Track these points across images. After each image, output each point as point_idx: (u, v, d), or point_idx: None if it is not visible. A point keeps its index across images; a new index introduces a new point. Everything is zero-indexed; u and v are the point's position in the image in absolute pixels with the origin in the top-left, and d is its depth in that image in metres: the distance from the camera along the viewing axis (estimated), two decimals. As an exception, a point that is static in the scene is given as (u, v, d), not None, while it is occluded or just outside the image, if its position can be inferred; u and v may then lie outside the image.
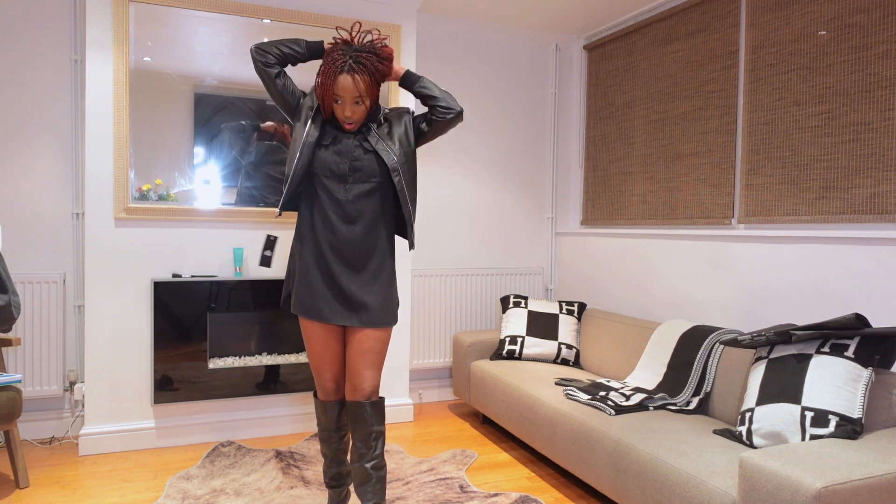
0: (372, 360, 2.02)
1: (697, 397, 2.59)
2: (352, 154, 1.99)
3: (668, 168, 3.38)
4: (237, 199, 3.20)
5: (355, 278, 2.00)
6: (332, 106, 1.96)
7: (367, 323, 1.99)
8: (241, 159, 3.20)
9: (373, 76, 1.90)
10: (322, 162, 1.98)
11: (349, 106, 1.92)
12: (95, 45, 2.94)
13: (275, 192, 3.28)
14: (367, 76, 1.89)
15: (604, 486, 2.33)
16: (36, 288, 3.08)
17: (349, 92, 1.88)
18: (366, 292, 2.00)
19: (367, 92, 1.90)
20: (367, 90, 1.90)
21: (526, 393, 2.90)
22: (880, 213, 2.34)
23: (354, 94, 1.89)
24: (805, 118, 2.63)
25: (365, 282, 2.00)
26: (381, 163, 2.01)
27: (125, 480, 2.69)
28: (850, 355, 1.99)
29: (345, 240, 1.99)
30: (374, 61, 1.89)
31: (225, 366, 3.16)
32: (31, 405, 3.18)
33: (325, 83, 1.90)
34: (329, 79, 1.89)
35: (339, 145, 1.99)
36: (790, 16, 2.69)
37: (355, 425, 2.02)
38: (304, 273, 2.02)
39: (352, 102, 1.91)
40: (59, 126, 3.16)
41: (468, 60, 4.02)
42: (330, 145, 2.00)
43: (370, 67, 1.89)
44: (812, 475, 1.57)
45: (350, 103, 1.91)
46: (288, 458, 2.90)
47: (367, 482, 2.02)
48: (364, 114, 1.97)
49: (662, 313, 3.35)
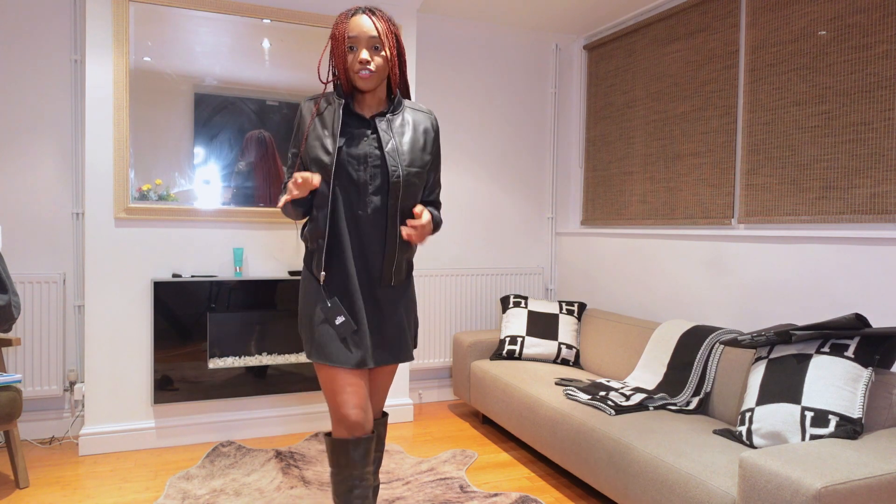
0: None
1: (697, 397, 2.59)
2: (370, 157, 1.71)
3: (668, 168, 3.38)
4: (240, 201, 3.21)
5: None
6: (344, 61, 1.66)
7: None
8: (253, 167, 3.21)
9: (392, 28, 1.66)
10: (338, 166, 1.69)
11: (364, 49, 1.63)
12: (95, 45, 2.94)
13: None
14: (386, 24, 1.65)
15: (604, 486, 2.33)
16: (36, 288, 3.08)
17: (364, 32, 1.62)
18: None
19: (386, 42, 1.64)
20: (385, 38, 1.63)
21: (526, 393, 2.90)
22: (880, 213, 2.34)
23: (370, 34, 1.62)
24: (805, 118, 2.63)
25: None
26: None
27: (125, 480, 2.69)
28: (850, 355, 1.99)
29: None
30: (396, 26, 1.68)
31: (225, 366, 3.16)
32: (31, 405, 3.18)
33: (336, 30, 1.64)
34: (341, 24, 1.64)
35: (355, 146, 1.70)
36: (790, 16, 2.69)
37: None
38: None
39: (368, 46, 1.63)
40: (59, 126, 3.16)
41: (468, 60, 4.02)
42: (348, 148, 1.69)
43: (389, 20, 1.67)
44: (812, 475, 1.57)
45: (366, 46, 1.63)
46: (288, 458, 2.90)
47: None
48: (383, 69, 1.67)
49: (662, 313, 3.35)
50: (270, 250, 3.31)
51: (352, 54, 1.65)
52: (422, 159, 1.74)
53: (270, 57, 3.25)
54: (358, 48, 1.63)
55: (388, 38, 1.65)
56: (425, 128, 1.78)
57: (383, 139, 1.69)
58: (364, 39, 1.63)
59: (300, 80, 3.31)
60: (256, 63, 3.22)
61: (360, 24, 1.62)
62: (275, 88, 3.26)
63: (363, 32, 1.62)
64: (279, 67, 3.26)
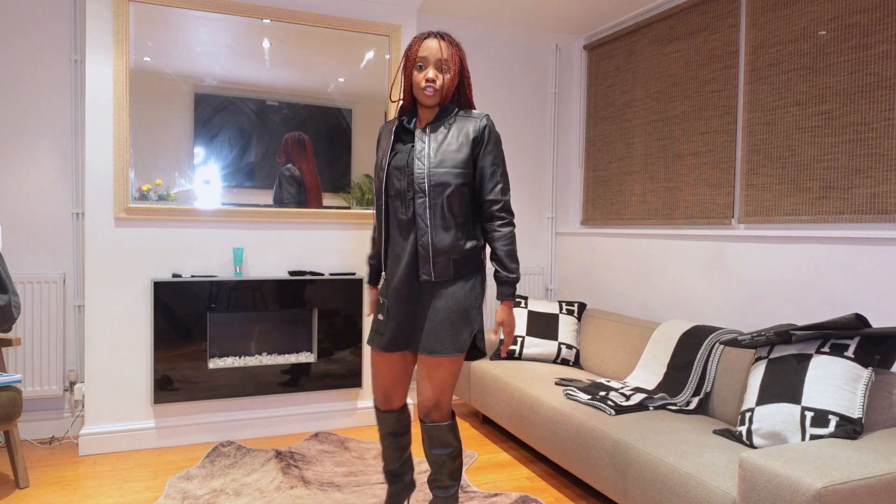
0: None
1: (697, 397, 2.59)
2: (408, 166, 1.90)
3: (668, 168, 3.38)
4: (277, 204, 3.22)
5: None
6: (413, 78, 1.88)
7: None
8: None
9: (458, 52, 1.88)
10: (387, 180, 1.93)
11: (432, 69, 1.85)
12: (95, 46, 2.94)
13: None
14: (454, 48, 1.87)
15: (604, 486, 2.33)
16: (36, 288, 3.08)
17: (433, 53, 1.84)
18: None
19: (452, 61, 1.85)
20: (451, 59, 1.85)
21: (526, 393, 2.90)
22: (880, 213, 2.34)
23: (438, 56, 1.84)
24: (805, 118, 2.63)
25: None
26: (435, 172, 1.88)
27: (125, 480, 2.69)
28: (850, 355, 1.99)
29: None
30: (461, 52, 1.91)
31: (225, 366, 3.16)
32: (31, 405, 3.18)
33: (409, 51, 1.88)
34: (414, 45, 1.87)
35: (399, 157, 1.92)
36: (790, 16, 2.69)
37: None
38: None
39: (435, 66, 1.85)
40: (59, 126, 3.16)
41: (468, 60, 4.02)
42: (393, 159, 1.93)
43: (457, 45, 1.89)
44: (812, 475, 1.57)
45: (433, 66, 1.85)
46: (288, 458, 2.90)
47: (434, 500, 2.01)
48: (449, 87, 1.87)
49: (662, 313, 3.35)
50: (272, 249, 3.31)
51: (420, 73, 1.86)
52: (454, 159, 1.86)
53: (270, 57, 3.25)
54: (426, 67, 1.85)
55: (454, 61, 1.87)
56: (467, 130, 1.89)
57: (416, 147, 1.88)
58: (433, 60, 1.85)
59: (300, 80, 3.31)
60: (256, 63, 3.22)
61: (430, 46, 1.85)
62: (275, 88, 3.26)
63: (432, 53, 1.84)
64: (279, 67, 3.27)
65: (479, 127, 1.89)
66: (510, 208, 1.93)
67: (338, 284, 3.34)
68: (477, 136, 1.89)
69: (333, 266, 3.43)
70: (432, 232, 1.85)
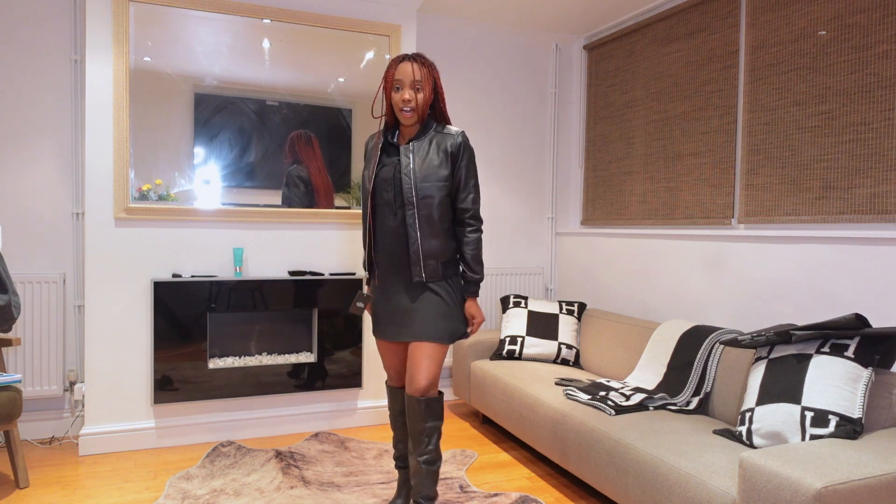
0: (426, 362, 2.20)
1: (697, 397, 2.59)
2: (394, 179, 2.10)
3: (668, 168, 3.38)
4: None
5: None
6: (392, 98, 2.08)
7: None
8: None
9: (432, 76, 2.06)
10: (376, 190, 2.13)
11: (407, 90, 2.03)
12: (95, 46, 2.94)
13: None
14: (427, 69, 2.05)
15: (604, 486, 2.33)
16: (36, 288, 3.08)
17: (408, 76, 2.02)
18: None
19: (426, 81, 2.03)
20: (425, 78, 2.03)
21: (526, 393, 2.90)
22: (880, 213, 2.34)
23: (412, 77, 2.02)
24: (805, 118, 2.63)
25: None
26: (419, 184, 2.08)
27: (125, 480, 2.69)
28: (850, 355, 1.99)
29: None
30: (434, 69, 2.08)
31: (225, 366, 3.16)
32: (31, 405, 3.18)
33: (387, 74, 2.07)
34: (391, 68, 2.06)
35: (385, 170, 2.12)
36: (790, 16, 2.69)
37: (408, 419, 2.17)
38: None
39: (410, 87, 2.03)
40: (59, 126, 3.16)
41: (468, 61, 4.02)
42: (379, 173, 2.12)
43: (431, 65, 2.07)
44: (812, 475, 1.57)
45: (408, 87, 2.03)
46: (288, 458, 2.90)
47: (417, 474, 2.12)
48: (423, 105, 2.06)
49: (662, 313, 3.35)
50: (272, 249, 3.31)
51: (397, 94, 2.05)
52: (437, 174, 2.07)
53: (270, 57, 3.25)
54: (402, 88, 2.04)
55: (427, 81, 2.04)
56: (445, 147, 2.10)
57: (402, 162, 2.07)
58: (408, 83, 2.03)
59: (300, 80, 3.31)
60: (256, 63, 3.22)
61: (404, 69, 2.03)
62: (275, 88, 3.26)
63: (406, 76, 2.02)
64: (279, 67, 3.27)
65: (456, 143, 2.10)
66: (479, 216, 2.18)
67: (338, 284, 3.34)
68: (454, 151, 2.10)
69: (333, 266, 3.43)
70: (422, 239, 2.07)
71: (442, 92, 2.12)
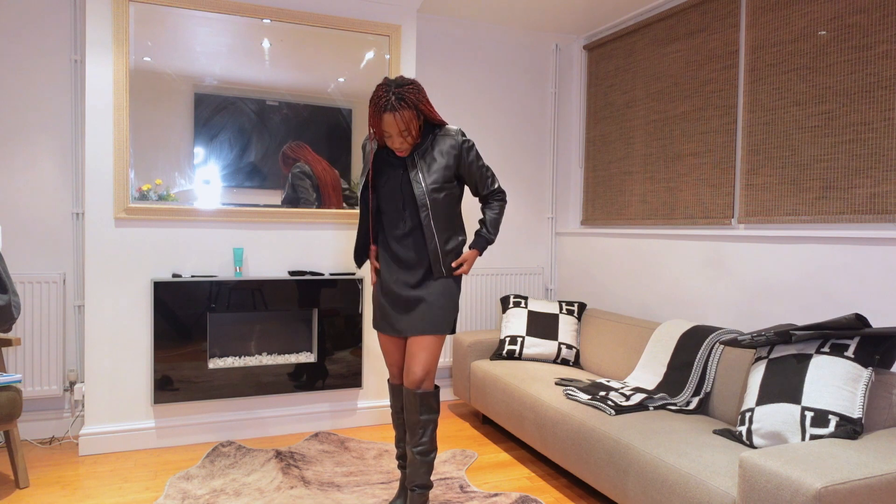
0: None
1: (697, 397, 2.59)
2: (401, 190, 2.18)
3: (668, 168, 3.38)
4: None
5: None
6: (382, 141, 2.17)
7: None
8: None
9: (415, 108, 2.04)
10: (381, 200, 2.22)
11: (397, 139, 2.07)
12: (95, 45, 2.94)
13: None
14: (410, 110, 2.03)
15: (604, 486, 2.33)
16: (36, 288, 3.08)
17: (392, 127, 2.04)
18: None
19: (411, 124, 2.05)
20: (410, 123, 2.04)
21: (526, 393, 2.90)
22: (880, 213, 2.34)
23: (398, 128, 2.04)
24: (805, 118, 2.63)
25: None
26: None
27: (125, 480, 2.69)
28: (850, 355, 1.99)
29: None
30: (415, 95, 2.04)
31: (225, 366, 3.16)
32: (31, 405, 3.18)
33: (372, 122, 2.08)
34: (375, 119, 2.06)
35: (391, 182, 2.19)
36: (790, 16, 2.69)
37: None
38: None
39: (399, 136, 2.06)
40: (59, 126, 3.16)
41: (468, 61, 4.02)
42: (384, 184, 2.20)
43: (412, 101, 2.02)
44: (812, 475, 1.57)
45: (397, 137, 2.07)
46: (288, 458, 2.90)
47: (411, 464, 2.20)
48: (414, 140, 2.11)
49: (662, 313, 3.35)
50: (272, 249, 3.31)
51: (388, 140, 2.09)
52: (445, 176, 2.15)
53: (270, 57, 3.25)
54: (392, 137, 2.07)
55: (413, 121, 2.04)
56: (447, 148, 2.16)
57: (410, 173, 2.14)
58: (396, 133, 2.05)
59: (300, 80, 3.31)
60: (256, 63, 3.22)
61: (389, 122, 2.02)
62: (275, 88, 3.26)
63: (392, 128, 2.04)
64: (279, 67, 3.27)
65: (457, 143, 2.17)
66: (502, 189, 2.33)
67: (338, 284, 3.34)
68: (456, 151, 2.17)
69: (333, 266, 3.43)
70: (438, 237, 2.16)
71: (429, 108, 2.10)
